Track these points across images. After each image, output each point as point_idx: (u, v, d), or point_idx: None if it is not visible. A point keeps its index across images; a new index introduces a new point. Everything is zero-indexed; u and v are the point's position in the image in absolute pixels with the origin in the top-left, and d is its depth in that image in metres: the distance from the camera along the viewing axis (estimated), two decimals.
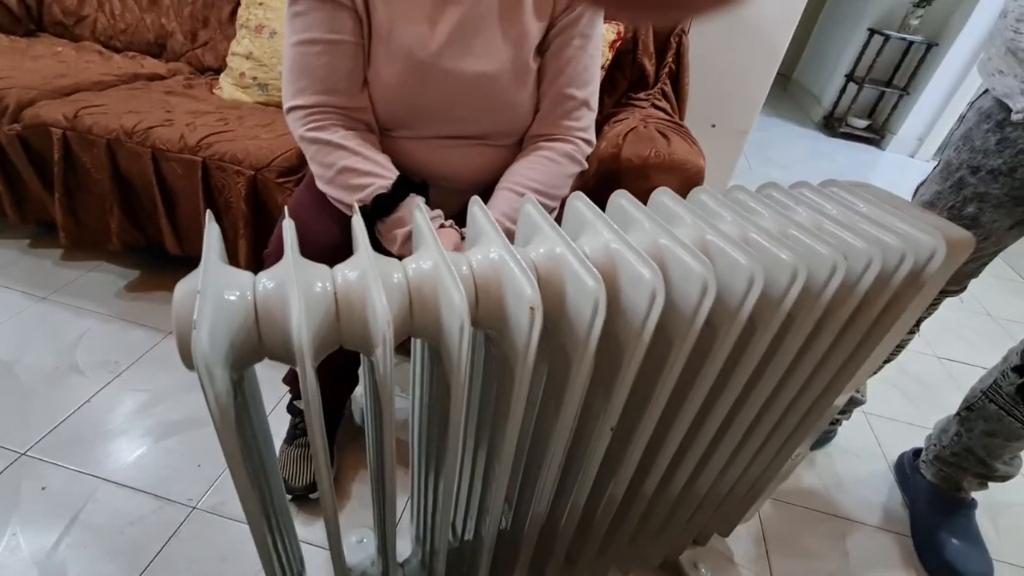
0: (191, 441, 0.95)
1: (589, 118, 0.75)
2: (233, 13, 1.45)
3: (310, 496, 0.86)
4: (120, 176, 1.09)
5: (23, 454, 0.89)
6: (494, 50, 0.68)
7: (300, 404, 0.92)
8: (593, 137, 0.76)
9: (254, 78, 1.30)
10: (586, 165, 0.76)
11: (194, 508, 0.85)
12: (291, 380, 0.89)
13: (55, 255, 1.32)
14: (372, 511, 0.65)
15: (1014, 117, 0.63)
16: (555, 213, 0.76)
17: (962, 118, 0.74)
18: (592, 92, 0.74)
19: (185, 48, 1.52)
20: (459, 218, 0.77)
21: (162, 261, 1.31)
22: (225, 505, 0.86)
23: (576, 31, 0.70)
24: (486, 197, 0.81)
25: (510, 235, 0.67)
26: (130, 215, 1.15)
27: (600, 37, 0.74)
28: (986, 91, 0.70)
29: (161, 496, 0.86)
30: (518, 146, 0.78)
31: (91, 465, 0.89)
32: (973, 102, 0.73)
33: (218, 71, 1.46)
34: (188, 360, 0.30)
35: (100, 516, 0.82)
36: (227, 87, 1.33)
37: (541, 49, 0.72)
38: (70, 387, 1.01)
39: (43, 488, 0.84)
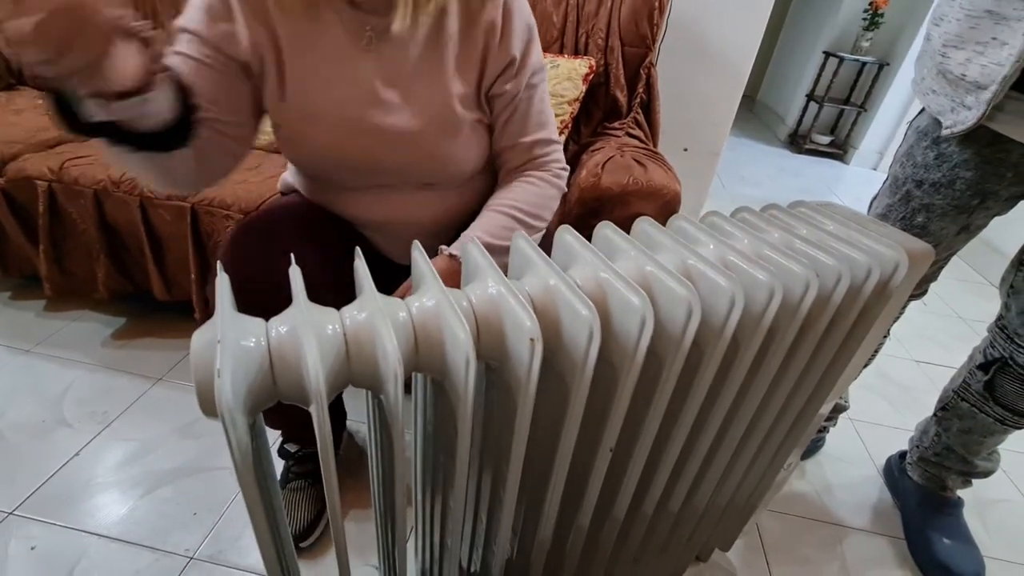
0: (185, 489, 0.93)
1: (555, 149, 0.77)
2: None
3: (300, 545, 0.85)
4: (107, 225, 1.10)
5: (10, 513, 0.86)
6: (420, 107, 0.67)
7: (291, 447, 0.91)
8: (564, 162, 0.78)
9: None
10: (565, 188, 0.79)
11: (191, 558, 0.83)
12: (280, 423, 0.88)
13: (38, 306, 1.31)
14: (376, 548, 0.65)
15: (944, 132, 0.69)
16: (539, 238, 0.77)
17: (905, 136, 0.80)
18: (551, 128, 0.76)
19: None
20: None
21: (148, 307, 1.31)
22: (223, 554, 0.84)
23: (521, 88, 0.71)
24: (443, 240, 0.80)
25: (490, 248, 0.66)
26: (117, 263, 1.15)
27: (545, 78, 0.75)
28: (922, 111, 0.76)
29: (157, 548, 0.84)
30: (466, 187, 0.78)
31: (82, 521, 0.87)
32: (912, 121, 0.79)
33: None
34: (210, 409, 0.31)
35: (93, 574, 0.80)
36: None
37: (480, 104, 0.71)
38: (57, 441, 0.99)
39: (32, 548, 0.82)
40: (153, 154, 0.54)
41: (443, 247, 0.67)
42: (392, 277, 0.81)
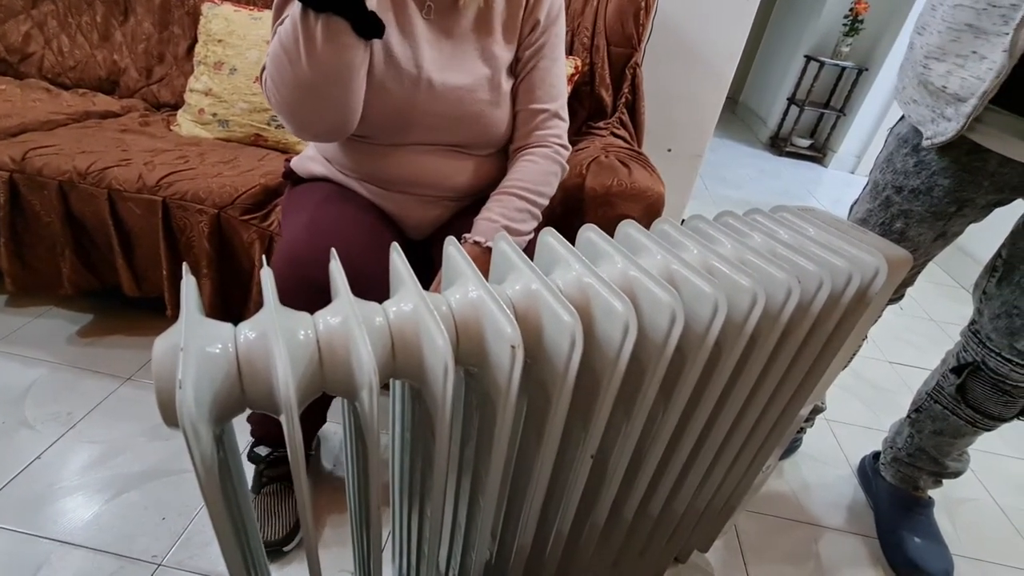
0: (153, 493, 0.90)
1: (561, 127, 0.83)
2: (190, 49, 1.43)
3: (284, 549, 0.83)
4: (73, 218, 1.05)
5: None
6: (470, 67, 0.76)
7: (261, 451, 0.89)
8: (567, 142, 0.84)
9: (214, 114, 1.28)
10: (566, 167, 0.84)
11: (159, 565, 0.80)
12: (255, 421, 0.86)
13: None
14: (352, 554, 0.64)
15: (924, 143, 0.70)
16: (538, 222, 0.81)
17: (885, 142, 0.81)
18: (561, 104, 0.83)
19: (140, 84, 1.49)
20: (444, 229, 0.85)
21: (116, 303, 1.26)
22: (193, 560, 0.81)
23: (541, 55, 0.80)
24: (467, 208, 0.86)
25: (510, 231, 0.75)
26: (83, 258, 1.10)
27: (563, 61, 0.83)
28: (903, 118, 0.77)
29: (123, 555, 0.81)
30: (495, 157, 0.85)
31: (44, 527, 0.83)
32: (892, 128, 0.80)
33: (175, 107, 1.44)
34: (171, 419, 0.29)
35: None
36: (185, 123, 1.31)
37: (514, 72, 0.81)
38: (18, 443, 0.95)
39: None
40: (360, 45, 0.62)
41: (467, 235, 0.74)
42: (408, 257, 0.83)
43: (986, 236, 1.50)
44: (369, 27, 0.61)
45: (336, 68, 0.62)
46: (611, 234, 0.53)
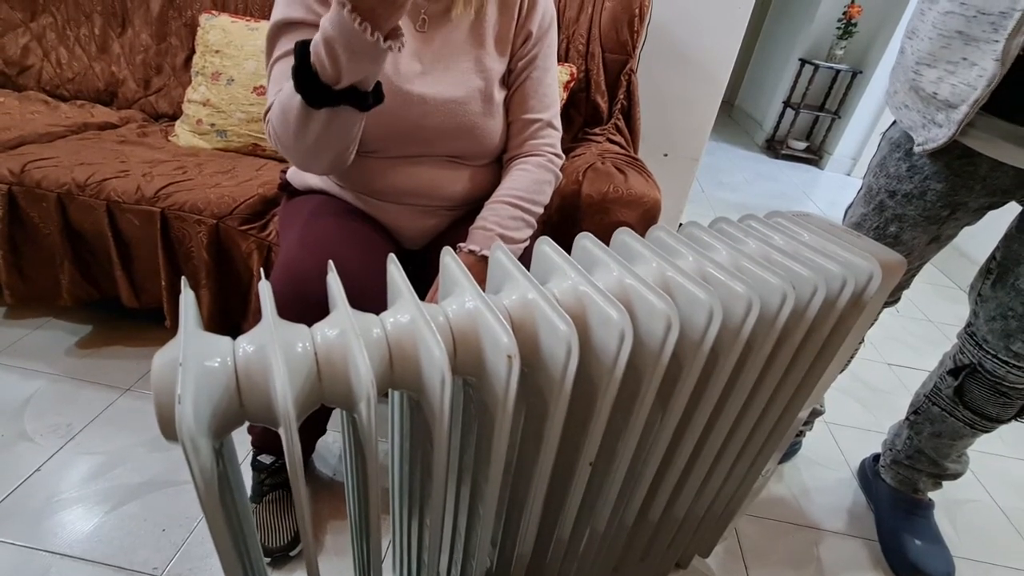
0: (153, 504, 0.90)
1: (554, 136, 0.84)
2: (188, 60, 1.44)
3: (290, 554, 0.83)
4: (72, 230, 1.06)
5: None
6: (463, 79, 0.76)
7: (265, 459, 0.89)
8: (560, 151, 0.85)
9: (212, 124, 1.29)
10: (560, 175, 0.85)
11: None
12: (256, 432, 0.87)
13: None
14: (352, 563, 0.64)
15: (916, 149, 0.70)
16: (533, 230, 0.81)
17: (878, 146, 0.81)
18: (554, 114, 0.84)
19: (138, 95, 1.50)
20: (440, 239, 0.86)
21: (115, 314, 1.26)
22: (193, 572, 0.81)
23: (534, 65, 0.80)
24: (462, 217, 0.86)
25: (505, 239, 0.76)
26: (82, 269, 1.11)
27: (556, 70, 0.84)
28: (895, 122, 0.78)
29: (123, 567, 0.81)
30: (490, 167, 0.85)
31: (43, 539, 0.83)
32: (885, 132, 0.80)
33: (173, 118, 1.44)
34: (171, 434, 0.29)
35: None
36: (184, 134, 1.32)
37: (507, 83, 0.81)
38: (17, 456, 0.95)
39: None
40: (363, 116, 0.64)
41: (461, 244, 0.74)
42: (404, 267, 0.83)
43: (983, 237, 1.50)
44: (371, 103, 0.62)
45: (339, 137, 0.65)
46: (607, 241, 0.54)
